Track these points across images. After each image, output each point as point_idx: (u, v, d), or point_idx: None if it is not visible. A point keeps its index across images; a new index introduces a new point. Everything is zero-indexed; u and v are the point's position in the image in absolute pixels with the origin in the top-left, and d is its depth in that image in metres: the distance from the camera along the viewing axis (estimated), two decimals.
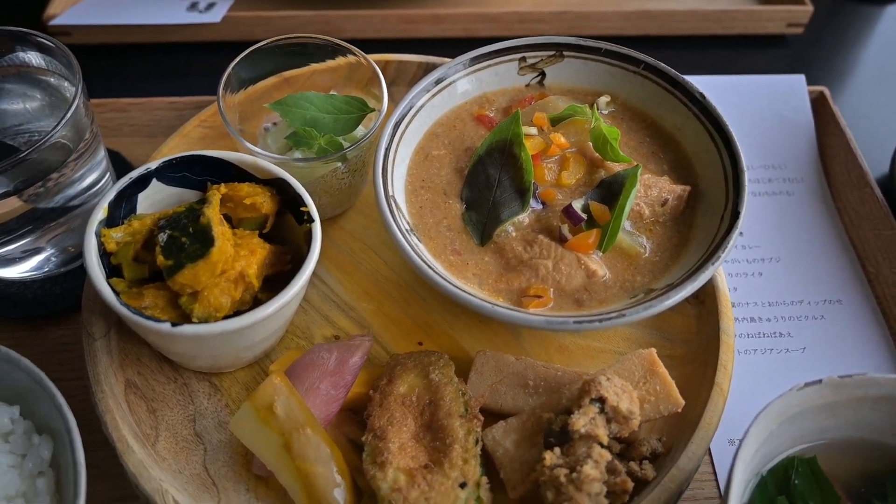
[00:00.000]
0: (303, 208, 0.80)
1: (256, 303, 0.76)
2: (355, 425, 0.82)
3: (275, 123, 0.98)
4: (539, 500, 0.75)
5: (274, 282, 0.80)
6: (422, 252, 0.81)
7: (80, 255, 0.95)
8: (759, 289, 1.01)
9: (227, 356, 0.80)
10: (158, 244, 0.75)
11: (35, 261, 0.93)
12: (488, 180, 0.86)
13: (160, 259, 0.73)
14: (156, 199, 0.82)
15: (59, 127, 0.78)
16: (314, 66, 1.01)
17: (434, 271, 0.77)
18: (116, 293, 0.72)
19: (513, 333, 0.89)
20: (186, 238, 0.74)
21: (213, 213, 0.76)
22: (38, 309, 0.93)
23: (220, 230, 0.74)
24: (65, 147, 0.83)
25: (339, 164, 0.89)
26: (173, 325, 0.70)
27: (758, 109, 1.21)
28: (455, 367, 0.81)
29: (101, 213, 0.76)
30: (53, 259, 0.94)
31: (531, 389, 0.81)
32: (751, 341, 0.96)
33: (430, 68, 1.07)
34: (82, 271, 0.96)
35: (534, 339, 0.89)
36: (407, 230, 0.82)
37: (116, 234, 0.77)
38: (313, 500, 0.72)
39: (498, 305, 0.76)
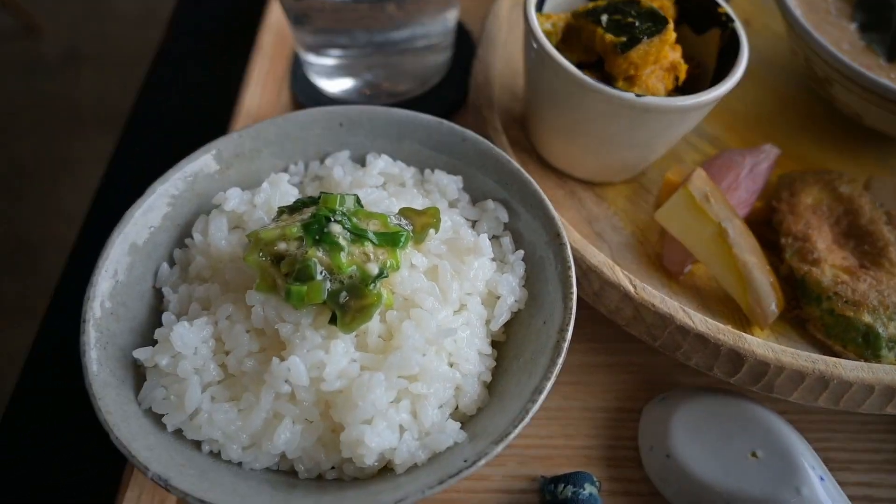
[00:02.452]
0: (720, 9, 0.78)
1: None
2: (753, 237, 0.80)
3: None
4: None
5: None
6: None
7: (391, 92, 0.95)
8: None
9: (637, 152, 0.79)
10: (599, 27, 0.74)
11: (346, 82, 0.94)
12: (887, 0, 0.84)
13: (608, 37, 0.73)
14: (555, 3, 0.82)
15: None
16: None
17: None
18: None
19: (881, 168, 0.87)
20: (633, 19, 0.73)
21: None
22: None
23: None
24: None
25: None
26: (638, 95, 0.69)
27: None
28: None
29: None
30: (362, 89, 0.95)
31: None
32: None
33: None
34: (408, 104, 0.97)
35: None
36: None
37: (545, 24, 0.77)
38: (748, 289, 0.72)
39: None
